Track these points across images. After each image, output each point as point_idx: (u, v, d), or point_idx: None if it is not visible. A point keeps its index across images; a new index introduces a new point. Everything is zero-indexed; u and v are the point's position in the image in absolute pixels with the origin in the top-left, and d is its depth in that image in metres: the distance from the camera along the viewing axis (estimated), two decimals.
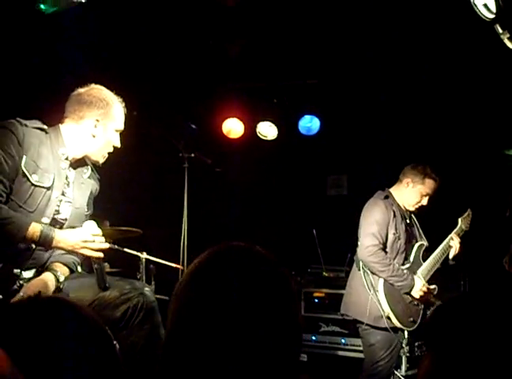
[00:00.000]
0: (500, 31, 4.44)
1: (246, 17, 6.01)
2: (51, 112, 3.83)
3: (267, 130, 7.73)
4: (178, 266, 5.95)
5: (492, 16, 4.29)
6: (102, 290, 3.66)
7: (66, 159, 3.70)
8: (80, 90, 3.78)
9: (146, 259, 5.97)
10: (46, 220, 3.57)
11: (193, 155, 6.12)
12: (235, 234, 7.64)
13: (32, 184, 3.50)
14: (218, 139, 7.72)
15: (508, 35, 4.47)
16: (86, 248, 3.52)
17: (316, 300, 7.01)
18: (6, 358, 0.93)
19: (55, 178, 3.61)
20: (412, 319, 5.34)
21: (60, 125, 3.75)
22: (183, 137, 6.26)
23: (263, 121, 7.69)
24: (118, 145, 3.84)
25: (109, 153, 3.86)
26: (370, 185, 5.74)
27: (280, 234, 7.96)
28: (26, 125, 3.54)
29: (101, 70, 5.43)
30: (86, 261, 3.82)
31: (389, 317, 5.29)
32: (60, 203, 3.68)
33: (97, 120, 3.73)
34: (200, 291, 1.52)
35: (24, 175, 3.47)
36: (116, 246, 5.56)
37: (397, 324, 5.28)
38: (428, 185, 5.46)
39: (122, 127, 3.86)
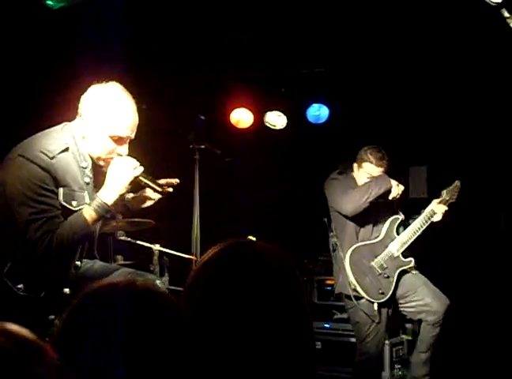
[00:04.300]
0: (507, 15, 4.44)
1: (254, 6, 6.00)
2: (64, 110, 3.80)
3: (275, 120, 7.73)
4: (191, 257, 5.98)
5: (499, 0, 4.29)
6: (161, 193, 3.80)
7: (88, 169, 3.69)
8: (94, 86, 3.61)
9: (159, 251, 6.01)
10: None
11: (203, 146, 6.13)
12: (246, 224, 7.68)
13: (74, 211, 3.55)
14: (227, 129, 7.74)
15: None
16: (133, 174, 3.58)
17: (328, 288, 7.04)
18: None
19: (89, 194, 3.64)
20: (381, 291, 5.42)
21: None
22: (193, 129, 6.28)
23: (271, 110, 7.70)
24: (123, 153, 3.63)
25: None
26: None
27: (291, 222, 7.98)
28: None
29: (110, 64, 5.46)
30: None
31: (356, 290, 5.38)
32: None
33: (88, 120, 3.56)
34: (209, 287, 1.56)
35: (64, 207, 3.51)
36: (129, 239, 5.61)
37: (366, 297, 5.38)
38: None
39: (124, 135, 3.60)
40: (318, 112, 7.69)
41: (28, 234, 3.37)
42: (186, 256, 6.02)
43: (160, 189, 3.80)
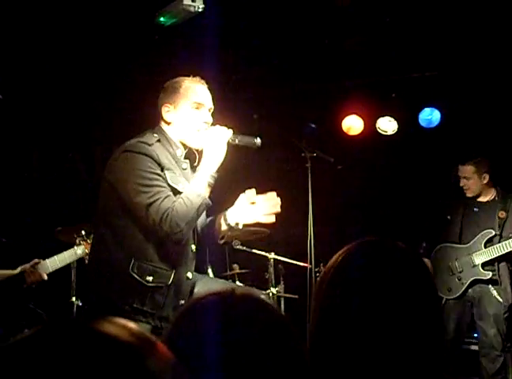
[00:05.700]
0: None
1: (362, 12, 6.00)
2: None
3: (387, 125, 7.66)
4: (305, 265, 6.00)
5: None
6: (258, 145, 3.87)
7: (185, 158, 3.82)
8: (166, 83, 3.87)
9: (274, 259, 6.06)
10: None
11: (315, 154, 6.14)
12: (360, 230, 7.65)
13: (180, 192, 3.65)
14: (338, 137, 7.73)
15: None
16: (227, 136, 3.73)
17: None
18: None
19: (187, 180, 3.76)
20: (449, 288, 6.02)
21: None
22: (304, 137, 6.31)
23: (382, 116, 7.64)
24: (208, 120, 3.76)
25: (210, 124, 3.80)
26: None
27: (405, 229, 7.89)
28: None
29: (221, 78, 5.58)
30: None
31: None
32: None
33: (166, 105, 3.75)
34: (342, 288, 1.55)
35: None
36: (245, 247, 5.70)
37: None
38: None
39: (201, 101, 3.77)
40: (429, 116, 7.57)
41: (151, 217, 3.48)
42: (301, 264, 6.05)
43: (253, 141, 3.88)
